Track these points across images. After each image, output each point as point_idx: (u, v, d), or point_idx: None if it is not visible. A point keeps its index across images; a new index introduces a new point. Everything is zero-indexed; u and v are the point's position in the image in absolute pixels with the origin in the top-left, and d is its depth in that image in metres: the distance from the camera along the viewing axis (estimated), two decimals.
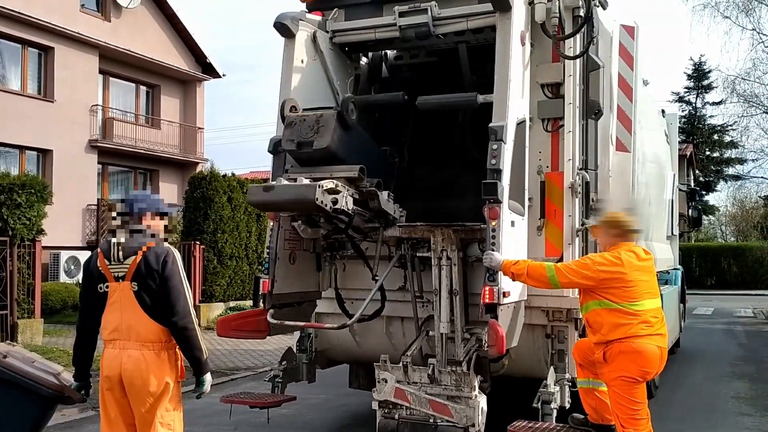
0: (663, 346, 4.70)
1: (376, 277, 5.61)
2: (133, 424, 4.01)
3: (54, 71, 21.37)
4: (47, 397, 4.03)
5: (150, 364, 3.91)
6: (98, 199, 22.29)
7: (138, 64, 24.11)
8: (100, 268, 4.03)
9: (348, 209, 4.95)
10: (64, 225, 19.19)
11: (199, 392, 4.16)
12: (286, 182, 5.00)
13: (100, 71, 22.98)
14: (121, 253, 4.00)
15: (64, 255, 19.46)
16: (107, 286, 4.00)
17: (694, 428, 7.07)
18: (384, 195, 5.26)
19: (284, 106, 5.54)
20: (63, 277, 19.13)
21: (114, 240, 4.05)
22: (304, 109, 5.61)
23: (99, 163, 22.96)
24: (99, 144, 22.59)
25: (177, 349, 4.06)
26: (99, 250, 4.11)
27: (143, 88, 25.43)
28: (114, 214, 4.10)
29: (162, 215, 4.19)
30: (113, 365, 3.94)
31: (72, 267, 19.65)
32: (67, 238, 19.90)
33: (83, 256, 19.97)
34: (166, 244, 4.16)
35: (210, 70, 26.85)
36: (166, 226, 4.21)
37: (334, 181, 4.92)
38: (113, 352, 3.96)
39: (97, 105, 22.87)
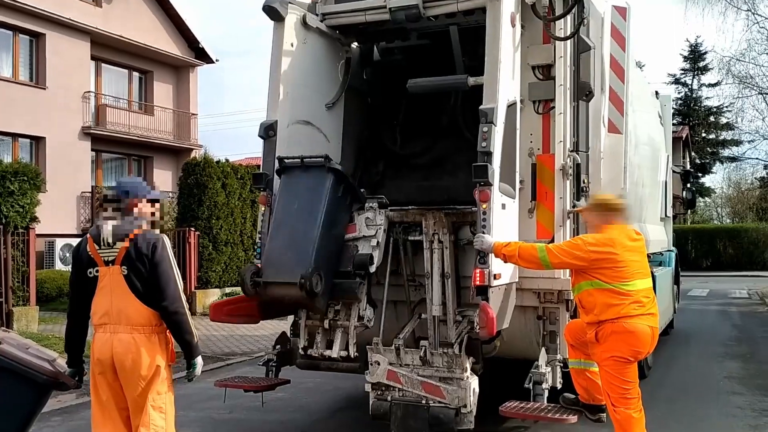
0: (654, 326, 4.73)
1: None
2: (125, 408, 4.02)
3: (46, 58, 21.25)
4: (42, 384, 4.03)
5: (140, 348, 3.93)
6: (92, 187, 22.23)
7: (130, 50, 23.99)
8: (90, 253, 4.04)
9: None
10: (58, 213, 19.16)
11: (191, 375, 4.16)
12: None
13: (93, 58, 22.86)
14: (111, 238, 4.01)
15: (59, 242, 19.43)
16: (97, 271, 4.01)
17: (687, 407, 7.12)
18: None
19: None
20: (58, 265, 19.11)
21: (104, 225, 4.06)
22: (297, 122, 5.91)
23: (92, 150, 22.89)
24: (92, 131, 22.51)
25: (167, 333, 4.08)
26: (88, 235, 4.11)
27: (136, 75, 25.30)
28: (110, 205, 4.12)
29: (152, 201, 4.21)
30: (104, 349, 3.95)
31: (67, 254, 19.61)
32: (62, 225, 19.87)
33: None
34: (156, 230, 4.16)
35: (203, 56, 26.72)
36: (154, 213, 4.22)
37: None
38: (104, 336, 3.97)
39: (89, 92, 22.76)
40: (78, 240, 4.68)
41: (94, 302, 4.03)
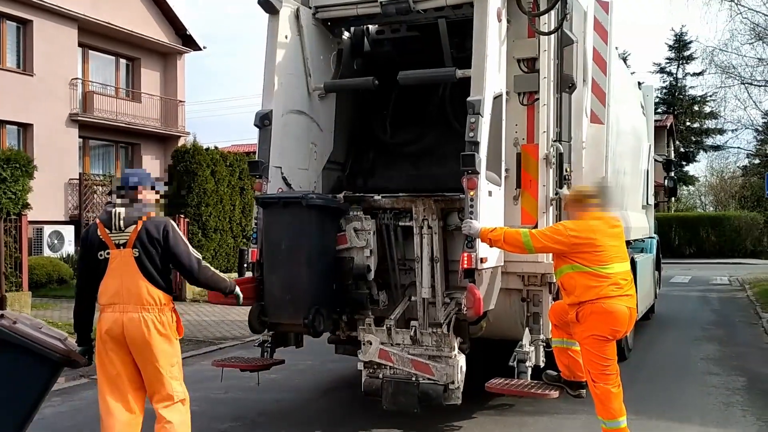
0: (632, 307, 4.99)
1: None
2: (135, 381, 4.29)
3: (33, 44, 21.22)
4: (55, 361, 4.24)
5: (150, 325, 4.20)
6: (80, 174, 22.27)
7: (117, 37, 23.97)
8: (101, 237, 4.27)
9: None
10: (46, 200, 19.20)
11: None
12: None
13: (80, 44, 22.84)
14: (121, 222, 4.26)
15: (47, 229, 19.50)
16: (108, 253, 4.24)
17: (664, 387, 7.42)
18: None
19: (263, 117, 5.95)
20: (46, 252, 19.19)
21: (114, 210, 4.31)
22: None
23: (80, 137, 22.92)
24: (79, 118, 22.53)
25: (174, 311, 4.35)
26: (98, 221, 4.35)
27: (123, 61, 25.29)
28: (117, 192, 4.40)
29: (154, 189, 4.48)
30: (115, 327, 4.20)
31: (55, 241, 19.70)
32: (50, 212, 19.93)
33: (66, 230, 20.05)
34: (162, 214, 4.46)
35: (190, 43, 26.73)
36: (158, 200, 4.50)
37: None
38: (113, 315, 4.22)
39: (77, 78, 22.76)
40: (66, 227, 5.02)
41: (103, 283, 4.26)
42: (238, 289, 4.70)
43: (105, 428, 4.30)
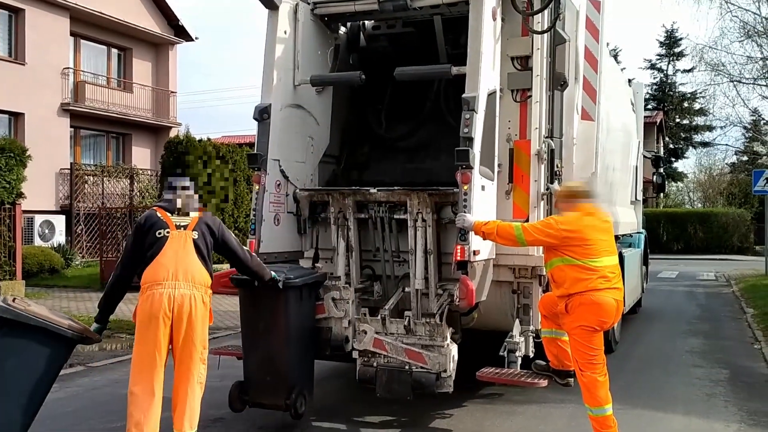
0: (619, 299, 5.14)
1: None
2: (164, 361, 4.59)
3: (25, 33, 21.16)
4: (71, 338, 4.49)
5: (199, 304, 4.62)
6: (71, 163, 22.23)
7: (109, 27, 23.92)
8: (162, 218, 4.73)
9: None
10: (37, 189, 19.13)
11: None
12: None
13: (72, 33, 22.78)
14: (182, 208, 4.82)
15: (38, 219, 19.50)
16: (168, 232, 4.66)
17: (650, 378, 7.62)
18: None
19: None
20: (37, 241, 19.19)
21: (175, 198, 4.83)
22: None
23: (71, 126, 22.88)
24: (71, 107, 22.49)
25: (210, 297, 4.76)
26: (156, 207, 4.90)
27: (115, 51, 25.23)
28: (178, 185, 4.93)
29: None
30: (167, 302, 4.51)
31: (46, 231, 19.71)
32: (41, 202, 19.90)
33: (57, 220, 20.04)
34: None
35: (182, 33, 26.68)
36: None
37: None
38: (164, 291, 4.52)
39: (68, 68, 22.72)
40: (58, 216, 5.43)
41: (156, 263, 4.59)
42: (276, 276, 5.19)
43: (136, 406, 4.51)
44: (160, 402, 4.58)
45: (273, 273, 5.22)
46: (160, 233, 4.63)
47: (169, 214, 4.74)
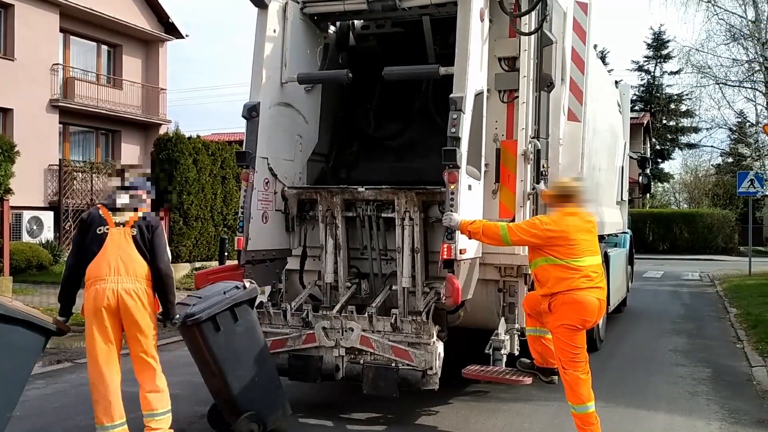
0: (601, 298, 5.21)
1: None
2: (119, 349, 4.88)
3: (14, 29, 21.05)
4: (49, 330, 4.77)
5: (143, 296, 4.84)
6: (60, 160, 22.12)
7: (99, 23, 23.84)
8: (102, 215, 4.94)
9: None
10: (25, 185, 19.05)
11: (172, 322, 5.04)
12: None
13: (61, 30, 22.69)
14: (122, 207, 5.03)
15: (26, 215, 19.40)
16: (107, 229, 4.88)
17: (633, 376, 7.71)
18: None
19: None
20: (25, 237, 19.09)
21: (117, 197, 5.05)
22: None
23: (60, 123, 22.78)
24: (60, 104, 22.40)
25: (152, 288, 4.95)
26: (99, 204, 5.16)
27: (105, 48, 25.14)
28: (119, 183, 5.17)
29: (148, 192, 5.28)
30: (111, 297, 4.76)
31: (34, 227, 19.60)
32: (29, 198, 19.79)
33: (45, 216, 19.94)
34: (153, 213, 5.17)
35: (173, 31, 26.62)
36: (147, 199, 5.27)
37: None
38: (108, 286, 4.77)
39: (58, 64, 22.62)
40: (46, 213, 5.62)
41: (97, 259, 4.82)
42: (177, 317, 5.01)
43: (99, 394, 4.81)
44: (118, 387, 4.87)
45: (176, 315, 4.99)
46: (100, 230, 4.87)
47: (110, 213, 4.96)
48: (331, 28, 7.27)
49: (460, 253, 5.35)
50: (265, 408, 5.32)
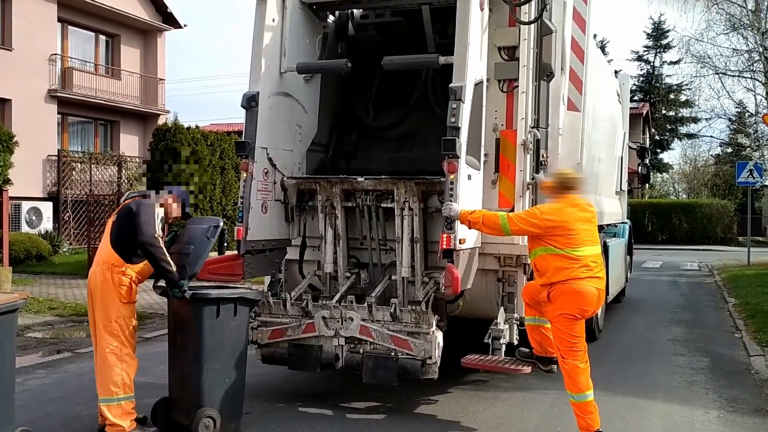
0: (600, 288, 5.23)
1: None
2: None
3: (12, 19, 20.96)
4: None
5: (100, 279, 5.06)
6: (58, 150, 22.09)
7: (97, 13, 23.75)
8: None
9: None
10: (24, 176, 19.03)
11: (180, 293, 5.03)
12: None
13: (59, 19, 22.61)
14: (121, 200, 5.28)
15: (25, 205, 19.41)
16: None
17: (632, 366, 7.73)
18: None
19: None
20: (24, 228, 19.11)
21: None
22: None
23: (59, 113, 22.72)
24: (58, 94, 22.33)
25: (121, 275, 5.05)
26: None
27: (103, 38, 25.05)
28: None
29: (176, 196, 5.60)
30: (89, 280, 5.19)
31: (33, 218, 19.62)
32: (28, 189, 19.78)
33: (44, 206, 19.96)
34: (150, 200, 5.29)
35: (171, 21, 26.52)
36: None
37: None
38: (91, 270, 5.19)
39: (56, 54, 22.55)
40: (45, 203, 5.87)
41: None
42: (182, 282, 5.02)
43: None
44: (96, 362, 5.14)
45: (184, 282, 4.98)
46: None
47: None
48: (330, 18, 7.25)
49: (460, 242, 5.35)
50: (225, 413, 5.10)
